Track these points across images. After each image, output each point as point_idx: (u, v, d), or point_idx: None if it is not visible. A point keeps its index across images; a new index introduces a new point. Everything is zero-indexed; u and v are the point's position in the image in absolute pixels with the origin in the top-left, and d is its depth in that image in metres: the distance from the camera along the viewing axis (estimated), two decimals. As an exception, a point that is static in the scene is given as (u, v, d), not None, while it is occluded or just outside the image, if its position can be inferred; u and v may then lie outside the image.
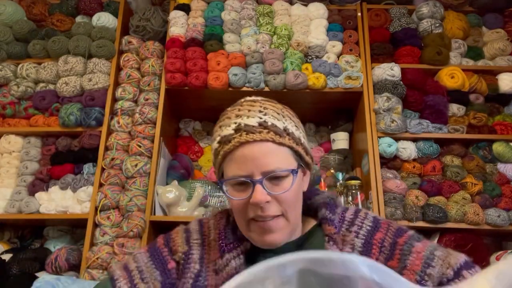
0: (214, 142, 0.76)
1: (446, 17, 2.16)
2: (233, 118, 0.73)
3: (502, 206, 1.80)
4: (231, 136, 0.72)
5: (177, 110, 2.24)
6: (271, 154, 0.71)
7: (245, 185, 0.72)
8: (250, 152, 0.70)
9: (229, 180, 0.73)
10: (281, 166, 0.71)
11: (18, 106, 2.04)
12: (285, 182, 0.72)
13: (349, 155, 2.13)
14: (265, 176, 0.70)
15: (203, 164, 2.23)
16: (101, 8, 2.19)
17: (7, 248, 1.89)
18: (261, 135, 0.70)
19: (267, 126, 0.71)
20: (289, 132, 0.74)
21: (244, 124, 0.71)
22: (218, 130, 0.76)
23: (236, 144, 0.71)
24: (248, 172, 0.71)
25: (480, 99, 2.02)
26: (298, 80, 1.92)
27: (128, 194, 1.79)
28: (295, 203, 0.75)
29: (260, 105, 0.75)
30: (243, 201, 0.72)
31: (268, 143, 0.71)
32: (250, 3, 2.16)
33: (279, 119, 0.73)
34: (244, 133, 0.71)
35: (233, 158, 0.72)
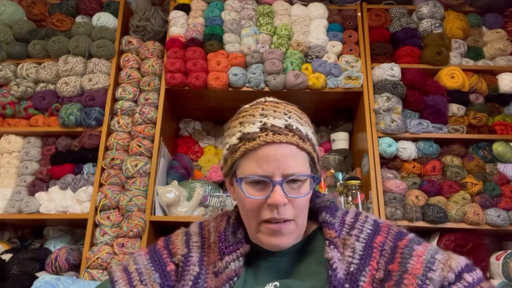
0: (233, 138, 0.75)
1: (446, 17, 2.16)
2: (258, 117, 0.73)
3: (502, 206, 1.80)
4: (256, 134, 0.71)
5: (177, 110, 2.24)
6: (293, 158, 0.71)
7: (263, 185, 0.72)
8: (274, 152, 0.70)
9: (248, 178, 0.72)
10: (301, 170, 0.72)
11: (18, 106, 2.04)
12: (303, 187, 0.73)
13: (349, 155, 2.13)
14: (285, 178, 0.70)
15: (203, 164, 2.22)
16: (101, 8, 2.19)
17: (7, 248, 1.89)
18: (287, 137, 0.71)
19: (292, 129, 0.72)
20: (309, 138, 0.75)
21: (271, 124, 0.71)
22: (238, 126, 0.75)
23: (262, 143, 0.70)
24: (269, 172, 0.70)
25: (480, 99, 2.02)
26: (298, 80, 1.92)
27: (128, 194, 1.79)
28: (306, 209, 0.76)
29: (284, 107, 0.76)
30: (258, 201, 0.72)
31: (292, 146, 0.71)
32: (250, 3, 2.16)
33: (302, 124, 0.75)
34: (271, 133, 0.71)
35: (256, 156, 0.71)
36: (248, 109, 0.78)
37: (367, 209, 1.82)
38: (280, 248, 0.75)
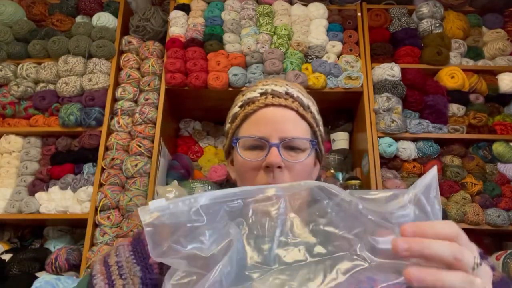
0: (235, 108, 0.74)
1: (446, 17, 2.16)
2: (260, 86, 0.73)
3: (502, 206, 1.80)
4: (255, 98, 0.71)
5: (177, 110, 2.24)
6: (292, 122, 0.69)
7: (260, 148, 0.69)
8: (272, 114, 0.69)
9: (245, 138, 0.69)
10: (300, 135, 0.69)
11: (18, 106, 2.04)
12: (301, 154, 0.69)
13: (349, 155, 2.13)
14: (282, 141, 0.67)
15: (203, 164, 2.22)
16: (101, 8, 2.19)
17: (7, 248, 1.89)
18: (286, 101, 0.69)
19: (293, 96, 0.71)
20: (311, 111, 0.73)
21: (271, 90, 0.71)
22: (241, 97, 0.75)
23: (260, 105, 0.69)
24: (266, 134, 0.68)
25: (480, 99, 2.02)
26: (298, 80, 1.91)
27: (128, 194, 1.79)
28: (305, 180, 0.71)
29: (286, 82, 0.75)
30: (254, 164, 0.68)
31: (291, 112, 0.70)
32: (250, 3, 2.16)
33: (304, 96, 0.74)
34: (270, 96, 0.70)
35: (254, 119, 0.70)
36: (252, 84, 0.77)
37: (367, 209, 1.82)
38: None
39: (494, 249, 1.86)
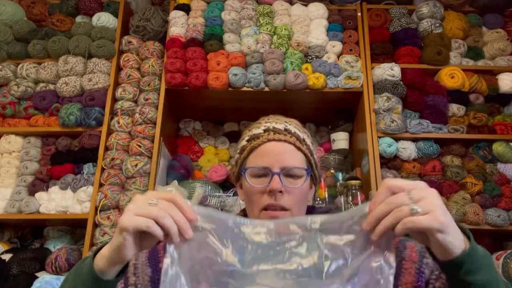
0: (242, 141, 0.89)
1: (446, 17, 2.16)
2: (263, 123, 0.88)
3: (502, 206, 1.80)
4: (260, 134, 0.86)
5: (177, 110, 2.24)
6: (290, 154, 0.84)
7: (264, 176, 0.83)
8: (274, 148, 0.84)
9: (251, 168, 0.85)
10: (297, 165, 0.84)
11: (18, 106, 2.04)
12: (298, 180, 0.83)
13: (349, 155, 2.13)
14: (282, 170, 0.82)
15: (203, 164, 2.22)
16: (101, 8, 2.19)
17: (7, 248, 1.89)
18: (285, 136, 0.85)
19: (291, 132, 0.86)
20: (306, 143, 0.88)
21: (273, 127, 0.86)
22: (248, 132, 0.90)
23: (264, 140, 0.84)
24: (269, 164, 0.82)
25: (480, 99, 2.02)
26: (298, 80, 1.91)
27: (128, 194, 1.79)
28: (301, 202, 0.86)
29: (285, 119, 0.91)
30: (260, 189, 0.82)
31: (290, 145, 0.85)
32: (250, 3, 2.16)
33: (300, 131, 0.89)
34: (272, 133, 0.85)
35: (259, 152, 0.85)
36: (257, 121, 0.92)
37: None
38: None
39: (494, 249, 1.86)
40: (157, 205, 0.59)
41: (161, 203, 0.60)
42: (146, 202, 0.60)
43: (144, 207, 0.59)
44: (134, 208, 0.60)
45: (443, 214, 0.55)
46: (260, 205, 0.82)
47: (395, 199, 0.56)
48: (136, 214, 0.59)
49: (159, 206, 0.59)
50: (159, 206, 0.59)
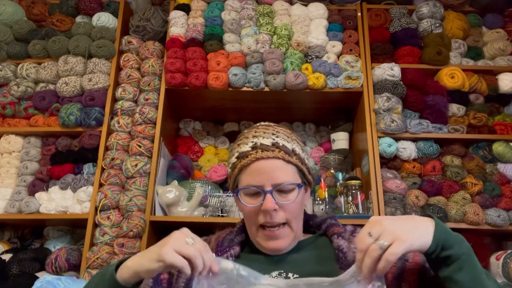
0: (233, 158, 0.90)
1: (446, 17, 2.16)
2: (251, 138, 0.88)
3: (502, 206, 1.80)
4: (248, 152, 0.86)
5: (177, 110, 2.24)
6: (280, 170, 0.85)
7: (257, 194, 0.85)
8: (263, 166, 0.85)
9: (244, 189, 0.86)
10: (289, 180, 0.85)
11: (18, 106, 2.04)
12: (291, 194, 0.85)
13: (349, 155, 2.13)
14: (274, 187, 0.84)
15: (203, 164, 2.22)
16: (101, 8, 2.19)
17: (7, 248, 1.89)
18: (273, 153, 0.85)
19: (278, 146, 0.86)
20: (296, 153, 0.88)
21: (260, 143, 0.86)
22: (237, 147, 0.90)
23: (253, 159, 0.85)
24: (260, 183, 0.84)
25: (480, 99, 2.02)
26: (298, 80, 1.92)
27: (128, 194, 1.79)
28: (298, 214, 0.88)
29: (273, 129, 0.90)
30: (255, 208, 0.85)
31: (279, 160, 0.85)
32: (250, 3, 2.16)
33: (288, 142, 0.88)
34: (260, 150, 0.85)
35: (249, 170, 0.86)
36: (245, 133, 0.93)
37: (367, 209, 1.82)
38: (278, 251, 0.87)
39: (494, 249, 1.85)
40: (194, 245, 0.69)
41: (197, 244, 0.70)
42: (184, 241, 0.70)
43: (183, 246, 0.69)
44: (175, 245, 0.69)
45: (403, 232, 0.66)
46: (257, 224, 0.86)
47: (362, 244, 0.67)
48: (176, 251, 0.68)
49: (195, 246, 0.69)
50: (195, 246, 0.69)
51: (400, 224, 0.68)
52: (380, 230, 0.66)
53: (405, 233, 0.66)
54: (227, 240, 0.93)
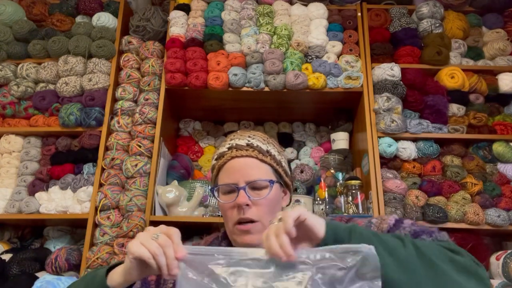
0: (213, 160, 0.95)
1: (446, 17, 2.16)
2: (228, 141, 0.94)
3: (502, 206, 1.80)
4: (224, 153, 0.91)
5: (177, 110, 2.24)
6: (254, 168, 0.89)
7: (232, 192, 0.89)
8: (237, 164, 0.89)
9: (219, 186, 0.91)
10: (261, 177, 0.89)
11: (18, 106, 2.04)
12: (264, 191, 0.88)
13: (349, 155, 2.13)
14: (247, 184, 0.87)
15: (203, 164, 2.23)
16: (101, 8, 2.19)
17: (7, 248, 1.89)
18: (247, 152, 0.90)
19: (252, 146, 0.91)
20: (271, 154, 0.92)
21: (236, 144, 0.91)
22: (216, 150, 0.95)
23: (228, 158, 0.90)
24: (235, 180, 0.88)
25: (480, 99, 2.02)
26: (298, 80, 1.92)
27: (128, 194, 1.79)
28: (271, 212, 0.89)
29: (250, 133, 0.95)
30: (230, 204, 0.88)
31: (252, 159, 0.89)
32: (250, 3, 2.16)
33: (263, 143, 0.93)
34: (235, 150, 0.90)
35: (225, 169, 0.90)
36: (226, 138, 0.97)
37: (367, 209, 1.82)
38: (250, 245, 0.86)
39: (494, 249, 1.86)
40: (157, 239, 0.69)
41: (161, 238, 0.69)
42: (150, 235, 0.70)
43: (148, 240, 0.69)
44: (141, 238, 0.70)
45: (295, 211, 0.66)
46: (233, 220, 0.88)
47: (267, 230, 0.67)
48: (141, 244, 0.69)
49: (158, 241, 0.68)
50: (158, 241, 0.68)
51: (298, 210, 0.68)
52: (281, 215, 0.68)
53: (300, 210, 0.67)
54: (214, 245, 0.95)
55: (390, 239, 0.72)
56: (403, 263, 0.68)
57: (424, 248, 0.71)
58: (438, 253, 0.72)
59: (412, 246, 0.71)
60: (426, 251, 0.71)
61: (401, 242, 0.71)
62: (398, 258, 0.68)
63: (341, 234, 0.70)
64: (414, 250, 0.70)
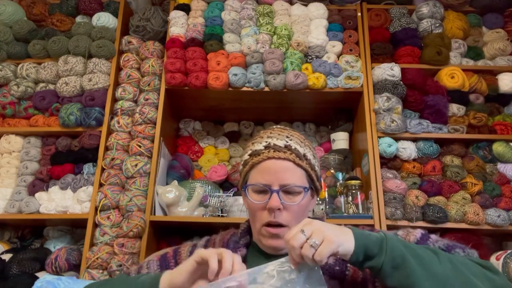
0: (245, 155, 0.93)
1: (446, 17, 2.16)
2: (265, 138, 0.91)
3: (502, 206, 1.80)
4: (261, 151, 0.89)
5: (177, 110, 2.24)
6: (290, 171, 0.87)
7: (264, 192, 0.87)
8: (273, 165, 0.87)
9: (252, 186, 0.89)
10: (296, 182, 0.87)
11: (18, 106, 2.04)
12: (297, 197, 0.87)
13: (349, 155, 2.13)
14: (281, 188, 0.86)
15: (203, 164, 2.22)
16: (101, 8, 2.19)
17: (7, 248, 1.89)
18: (285, 154, 0.87)
19: (291, 149, 0.88)
20: (307, 158, 0.90)
21: (273, 144, 0.89)
22: (251, 145, 0.93)
23: (264, 158, 0.87)
24: (269, 182, 0.86)
25: (480, 99, 2.02)
26: (298, 80, 1.92)
27: (128, 194, 1.79)
28: (300, 217, 0.88)
29: (288, 132, 0.93)
30: (260, 205, 0.87)
31: (289, 162, 0.87)
32: (250, 3, 2.16)
33: (301, 146, 0.90)
34: (272, 150, 0.87)
35: (259, 168, 0.88)
36: (261, 133, 0.95)
37: (367, 209, 1.82)
38: (277, 249, 0.88)
39: (494, 249, 1.85)
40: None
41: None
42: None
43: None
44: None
45: (331, 234, 0.68)
46: (262, 221, 0.87)
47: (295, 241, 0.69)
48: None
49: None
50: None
51: (328, 227, 0.71)
52: (312, 229, 0.69)
53: (333, 235, 0.69)
54: (232, 242, 0.94)
55: (425, 253, 0.71)
56: (437, 278, 0.68)
57: (459, 264, 0.70)
58: (474, 270, 0.71)
59: (448, 261, 0.70)
60: (462, 267, 0.70)
61: (436, 257, 0.71)
62: (433, 273, 0.68)
63: (371, 249, 0.70)
64: (450, 265, 0.69)
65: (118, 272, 1.66)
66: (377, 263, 0.70)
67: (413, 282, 0.68)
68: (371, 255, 0.70)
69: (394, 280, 0.69)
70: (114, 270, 1.66)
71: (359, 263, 0.72)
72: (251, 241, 0.95)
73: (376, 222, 1.74)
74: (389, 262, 0.69)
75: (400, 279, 0.69)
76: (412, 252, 0.70)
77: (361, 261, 0.71)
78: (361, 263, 0.72)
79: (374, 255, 0.70)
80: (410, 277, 0.68)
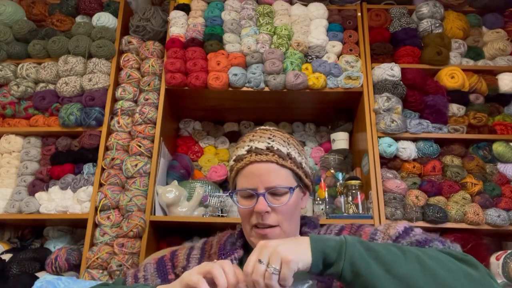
0: (231, 161, 0.94)
1: (446, 17, 2.16)
2: (247, 142, 0.91)
3: (502, 206, 1.80)
4: (243, 156, 0.89)
5: (177, 110, 2.24)
6: (273, 173, 0.87)
7: (251, 196, 0.88)
8: (257, 169, 0.87)
9: (238, 191, 0.90)
10: (282, 183, 0.87)
11: (18, 106, 2.04)
12: (283, 197, 0.87)
13: (349, 155, 2.13)
14: (267, 190, 0.86)
15: (203, 164, 2.23)
16: (101, 8, 2.19)
17: (7, 248, 1.89)
18: (267, 156, 0.87)
19: (273, 150, 0.88)
20: (291, 157, 0.89)
21: (255, 147, 0.88)
22: (235, 150, 0.94)
23: (247, 163, 0.88)
24: (254, 186, 0.87)
25: (480, 99, 2.02)
26: (298, 80, 1.92)
27: (128, 194, 1.79)
28: (291, 216, 0.89)
29: (270, 133, 0.92)
30: (248, 209, 0.88)
31: (272, 164, 0.87)
32: (250, 3, 2.16)
33: (284, 146, 0.90)
34: (254, 154, 0.88)
35: (244, 173, 0.89)
36: (244, 136, 0.95)
37: (367, 209, 1.82)
38: None
39: (494, 249, 1.85)
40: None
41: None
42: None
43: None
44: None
45: (288, 253, 0.66)
46: (251, 224, 0.88)
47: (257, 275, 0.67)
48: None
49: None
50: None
51: (283, 244, 0.69)
52: (268, 254, 0.67)
53: (289, 253, 0.66)
54: (229, 243, 0.95)
55: (389, 253, 0.68)
56: (401, 279, 0.65)
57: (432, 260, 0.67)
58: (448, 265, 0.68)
59: (416, 260, 0.67)
60: (434, 264, 0.66)
61: (402, 256, 0.68)
62: (396, 275, 0.65)
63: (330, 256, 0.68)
64: (417, 264, 0.66)
65: (118, 272, 1.66)
66: (336, 270, 0.67)
67: (374, 287, 0.65)
68: (330, 262, 0.68)
69: (356, 286, 0.67)
70: (114, 270, 1.66)
71: (320, 272, 0.69)
72: (246, 242, 0.95)
73: (376, 222, 1.74)
74: (349, 267, 0.66)
75: (361, 283, 0.66)
76: (374, 255, 0.67)
77: (321, 269, 0.69)
78: (321, 272, 0.69)
79: (332, 262, 0.68)
80: (371, 281, 0.65)
